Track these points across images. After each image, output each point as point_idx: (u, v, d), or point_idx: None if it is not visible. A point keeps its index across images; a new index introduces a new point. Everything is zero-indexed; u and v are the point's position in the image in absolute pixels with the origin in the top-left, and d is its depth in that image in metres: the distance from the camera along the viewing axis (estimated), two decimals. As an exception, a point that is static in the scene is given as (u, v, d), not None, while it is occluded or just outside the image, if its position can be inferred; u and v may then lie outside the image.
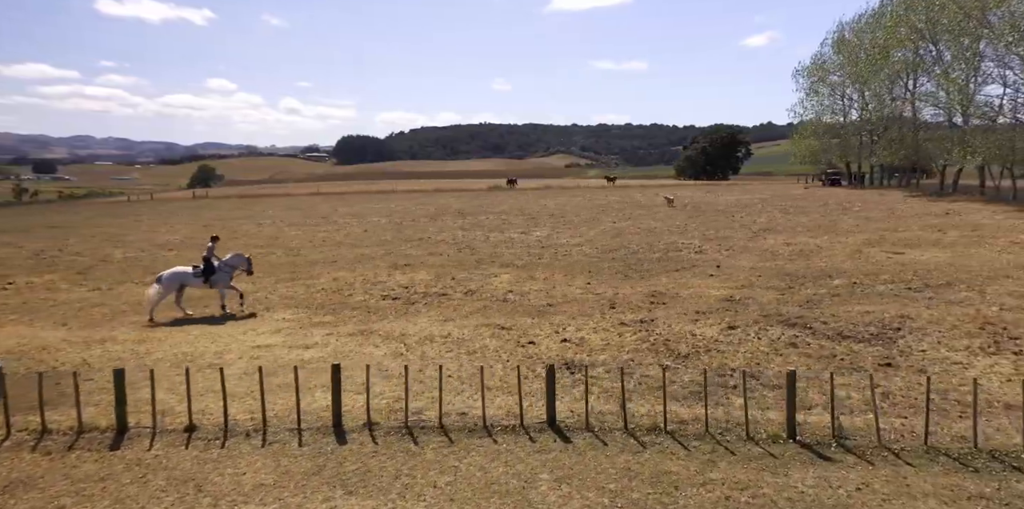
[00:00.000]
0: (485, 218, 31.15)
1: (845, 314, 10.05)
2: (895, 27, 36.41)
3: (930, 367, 7.51)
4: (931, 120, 39.77)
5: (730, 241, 19.38)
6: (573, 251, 18.32)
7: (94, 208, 54.44)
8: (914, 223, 22.61)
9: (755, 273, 13.92)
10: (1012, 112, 30.18)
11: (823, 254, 16.32)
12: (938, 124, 37.39)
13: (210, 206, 53.71)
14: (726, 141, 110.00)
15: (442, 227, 26.84)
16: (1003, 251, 15.77)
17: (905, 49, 37.32)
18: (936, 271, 13.35)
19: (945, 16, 31.53)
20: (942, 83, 31.30)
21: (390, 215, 34.67)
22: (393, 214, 35.56)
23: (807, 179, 71.18)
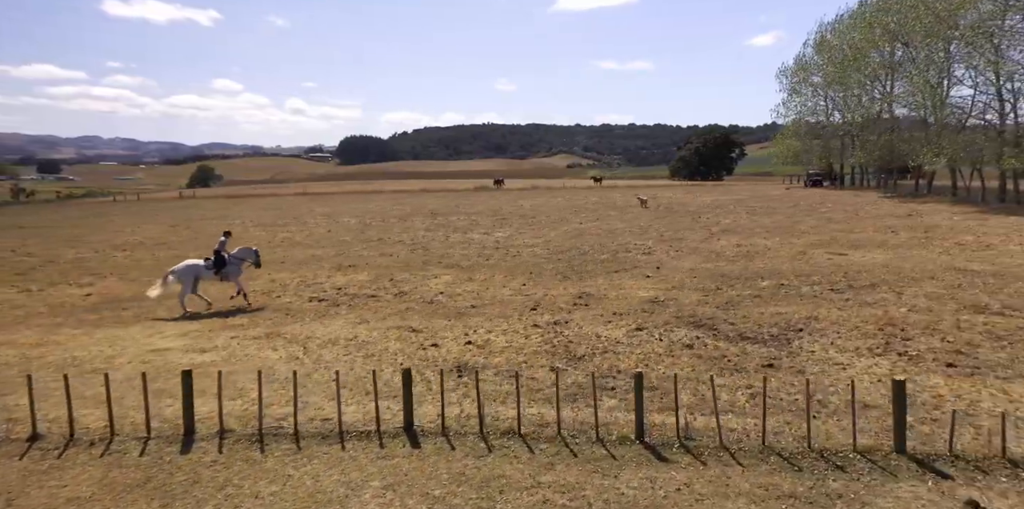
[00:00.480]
0: (455, 218, 31.24)
1: (757, 315, 10.15)
2: (870, 28, 36.60)
3: (810, 368, 7.61)
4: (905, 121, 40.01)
5: (683, 242, 19.50)
6: (525, 252, 18.40)
7: (82, 208, 54.54)
8: (872, 224, 22.77)
9: (692, 274, 14.03)
10: (980, 113, 30.38)
11: (767, 255, 16.44)
12: (912, 125, 37.62)
13: (193, 206, 53.64)
14: (719, 141, 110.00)
15: (407, 228, 26.90)
16: (943, 252, 15.91)
17: (881, 50, 37.52)
18: (867, 272, 13.47)
19: (916, 18, 31.74)
20: (915, 84, 31.45)
21: (363, 215, 34.72)
22: (366, 214, 35.61)
23: (790, 180, 71.55)
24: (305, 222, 31.07)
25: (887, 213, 26.87)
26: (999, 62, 28.11)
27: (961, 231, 20.13)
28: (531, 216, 31.71)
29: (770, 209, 31.34)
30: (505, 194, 61.87)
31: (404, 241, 21.72)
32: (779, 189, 53.30)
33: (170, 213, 42.64)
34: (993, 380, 7.06)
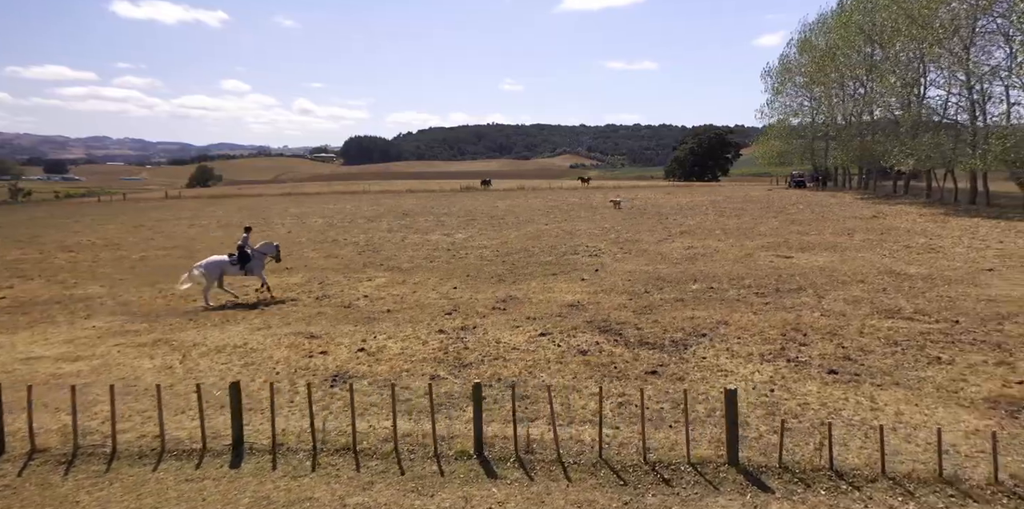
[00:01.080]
0: (424, 219, 31.10)
1: (670, 320, 10.04)
2: (846, 28, 36.53)
3: (692, 375, 7.50)
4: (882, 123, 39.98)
5: (637, 244, 19.39)
6: (474, 254, 18.28)
7: (65, 208, 54.32)
8: (832, 226, 22.69)
9: (628, 277, 13.92)
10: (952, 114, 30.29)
11: (713, 258, 16.34)
12: (887, 126, 37.58)
13: (173, 206, 53.41)
14: (714, 142, 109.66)
15: (370, 228, 26.75)
16: (888, 255, 15.83)
17: (859, 50, 37.44)
18: (801, 276, 13.38)
19: (889, 18, 31.69)
20: (885, 84, 31.33)
21: (333, 216, 34.55)
22: (337, 215, 35.45)
23: (776, 181, 71.49)
24: (271, 223, 30.88)
25: (853, 215, 26.80)
26: (969, 63, 28.08)
27: (917, 233, 20.06)
28: (501, 217, 31.58)
29: (740, 211, 31.26)
30: (489, 195, 61.77)
31: (358, 242, 21.58)
32: (762, 190, 53.26)
33: (145, 213, 42.41)
34: (868, 387, 6.96)
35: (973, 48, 28.66)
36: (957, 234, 19.48)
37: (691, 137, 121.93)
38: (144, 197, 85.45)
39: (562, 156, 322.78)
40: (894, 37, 31.48)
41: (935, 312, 9.98)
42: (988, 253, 15.66)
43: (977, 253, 15.76)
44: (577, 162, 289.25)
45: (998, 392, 6.68)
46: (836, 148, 42.20)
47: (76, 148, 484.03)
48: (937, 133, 28.87)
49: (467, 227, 26.63)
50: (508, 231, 24.61)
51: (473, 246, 20.07)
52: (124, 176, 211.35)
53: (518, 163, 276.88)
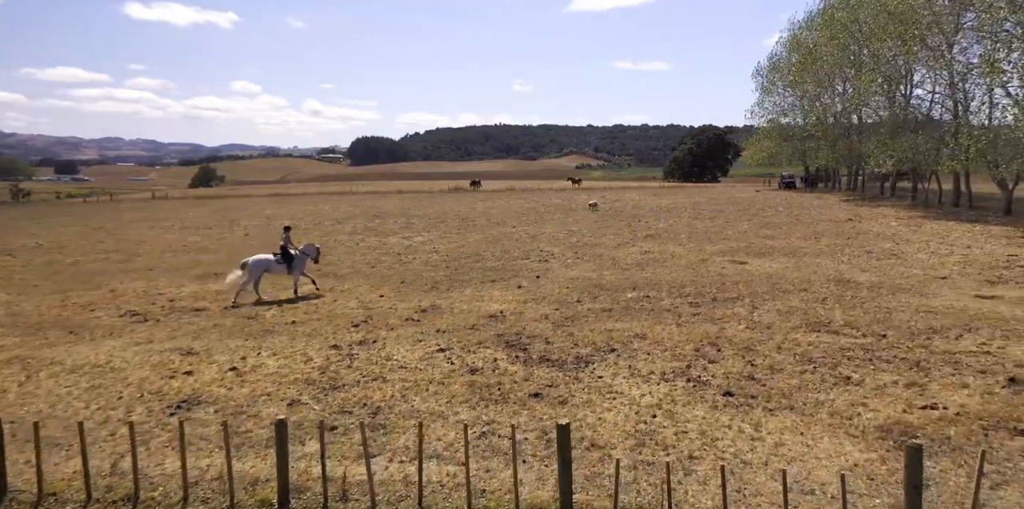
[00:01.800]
0: (393, 221, 30.58)
1: (587, 333, 9.47)
2: (829, 26, 35.92)
3: (578, 397, 6.92)
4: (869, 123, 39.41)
5: (594, 249, 18.81)
6: (421, 258, 17.73)
7: (55, 208, 54.40)
8: (803, 230, 22.11)
9: (568, 285, 13.35)
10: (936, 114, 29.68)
11: (665, 264, 15.76)
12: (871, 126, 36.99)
13: (154, 207, 52.97)
14: (713, 142, 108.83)
15: (333, 231, 26.21)
16: (845, 262, 15.24)
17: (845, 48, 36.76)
18: (745, 284, 12.80)
19: (871, 16, 31.10)
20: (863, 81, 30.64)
21: (304, 218, 34.03)
22: (309, 216, 34.93)
23: (767, 182, 70.93)
24: (234, 225, 30.36)
25: (828, 218, 26.21)
26: (952, 61, 27.49)
27: (886, 238, 19.47)
28: (472, 219, 31.05)
29: (718, 213, 30.68)
30: (475, 196, 61.24)
31: (309, 247, 21.00)
32: (750, 191, 52.71)
33: (119, 214, 41.90)
34: (758, 413, 6.38)
35: (956, 46, 28.12)
36: (926, 239, 18.89)
37: (690, 137, 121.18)
38: (131, 197, 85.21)
39: (569, 157, 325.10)
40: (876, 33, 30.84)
41: (865, 325, 9.40)
42: (950, 259, 15.07)
43: (939, 259, 15.17)
44: (583, 162, 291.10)
45: (896, 418, 6.10)
46: (823, 149, 41.56)
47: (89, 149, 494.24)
48: (915, 133, 28.23)
49: (432, 230, 26.10)
50: (471, 234, 24.06)
51: (425, 250, 19.52)
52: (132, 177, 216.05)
53: (524, 164, 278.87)
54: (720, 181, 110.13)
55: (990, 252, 15.99)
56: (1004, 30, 20.14)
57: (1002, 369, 7.36)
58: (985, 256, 15.43)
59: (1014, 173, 24.38)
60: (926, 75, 30.00)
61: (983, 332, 8.86)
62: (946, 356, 7.89)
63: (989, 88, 25.24)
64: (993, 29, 20.85)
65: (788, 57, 49.11)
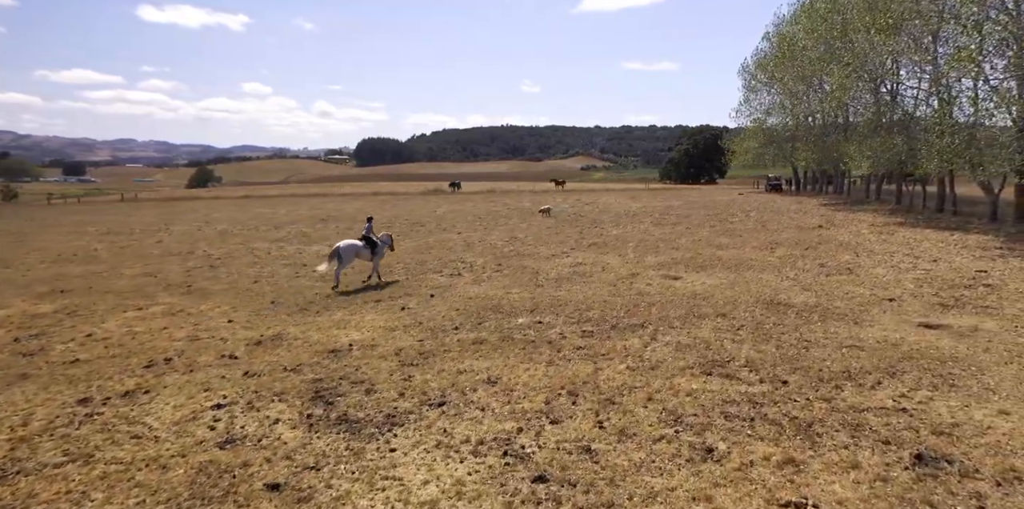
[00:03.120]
0: (336, 226, 28.95)
1: (430, 376, 7.81)
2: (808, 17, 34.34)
3: (335, 487, 5.25)
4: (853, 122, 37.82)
5: (525, 259, 17.17)
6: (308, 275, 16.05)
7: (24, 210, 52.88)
8: (763, 238, 20.48)
9: (459, 306, 11.71)
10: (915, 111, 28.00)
11: (590, 278, 14.12)
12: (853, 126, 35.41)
13: (104, 210, 51.28)
14: (710, 142, 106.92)
15: (257, 237, 24.54)
16: (790, 278, 13.60)
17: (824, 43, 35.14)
18: (663, 305, 11.15)
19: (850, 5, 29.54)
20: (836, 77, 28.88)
21: (246, 222, 32.40)
22: (252, 221, 33.31)
23: (756, 183, 69.53)
24: (161, 231, 28.67)
25: (798, 224, 24.57)
26: (936, 54, 25.91)
27: (849, 248, 17.83)
28: (423, 224, 29.44)
29: (685, 218, 29.07)
30: (447, 198, 59.64)
31: (211, 256, 19.33)
32: (733, 194, 51.19)
33: (63, 217, 40.25)
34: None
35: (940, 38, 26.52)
36: (892, 250, 17.26)
37: (687, 138, 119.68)
38: (100, 200, 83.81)
39: (575, 158, 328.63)
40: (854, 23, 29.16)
41: (770, 365, 7.75)
42: (909, 276, 13.44)
43: (897, 275, 13.54)
44: (589, 163, 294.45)
45: (739, 526, 4.46)
46: (803, 150, 39.93)
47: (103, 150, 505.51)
48: (892, 132, 26.61)
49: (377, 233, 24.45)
50: (406, 241, 22.42)
51: (338, 261, 17.85)
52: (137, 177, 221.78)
53: (529, 164, 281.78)
54: (717, 182, 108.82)
55: (958, 266, 14.36)
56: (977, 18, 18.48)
57: (913, 438, 5.72)
58: (950, 271, 13.80)
59: (1000, 174, 22.78)
60: (911, 70, 28.37)
61: (908, 377, 7.21)
62: (849, 415, 6.24)
63: (974, 82, 23.61)
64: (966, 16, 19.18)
65: (772, 53, 47.59)
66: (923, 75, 28.29)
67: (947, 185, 28.02)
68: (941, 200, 28.01)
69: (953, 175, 26.74)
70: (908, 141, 25.21)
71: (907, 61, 28.56)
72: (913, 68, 28.93)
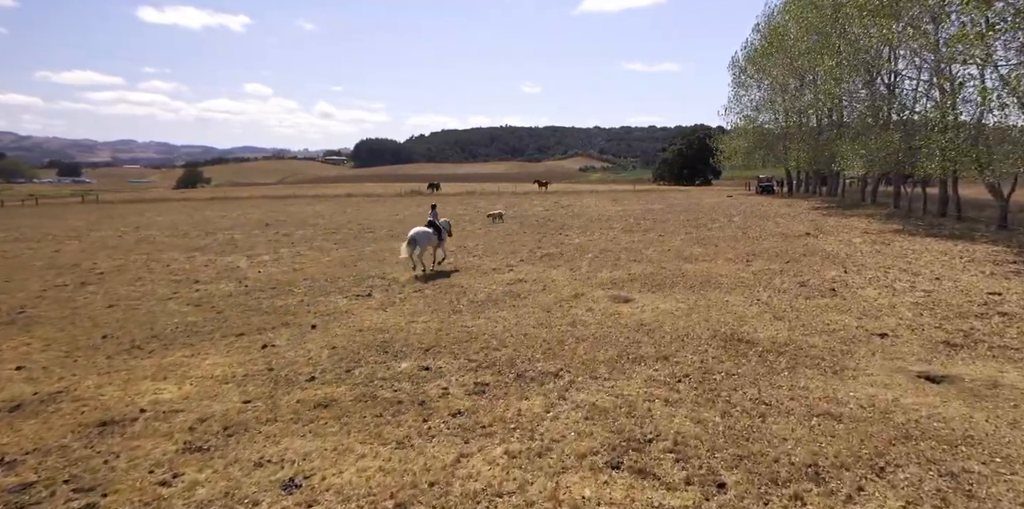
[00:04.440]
0: (273, 232, 26.60)
1: (213, 476, 5.53)
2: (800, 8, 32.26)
3: None
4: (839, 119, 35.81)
5: (455, 276, 14.89)
6: (201, 292, 13.69)
7: None
8: (740, 249, 18.29)
9: (335, 344, 9.42)
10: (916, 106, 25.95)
11: (523, 300, 11.86)
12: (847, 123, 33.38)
13: (60, 213, 48.66)
14: (704, 143, 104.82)
15: (184, 245, 22.12)
16: (761, 301, 11.38)
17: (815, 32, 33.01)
18: (597, 341, 8.90)
19: None
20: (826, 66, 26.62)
21: (182, 227, 29.99)
22: (190, 225, 30.90)
23: (748, 185, 67.67)
24: (74, 237, 26.20)
25: (782, 231, 22.40)
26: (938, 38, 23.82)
27: (837, 261, 15.65)
28: (373, 230, 27.15)
29: (661, 222, 26.89)
30: (410, 201, 57.34)
31: (94, 270, 16.91)
32: (721, 196, 49.15)
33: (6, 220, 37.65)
34: None
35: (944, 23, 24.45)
36: (887, 264, 15.08)
37: (680, 138, 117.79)
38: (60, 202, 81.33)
39: (573, 158, 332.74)
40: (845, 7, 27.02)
41: (707, 451, 5.49)
42: (906, 299, 11.25)
43: (891, 298, 11.35)
44: (588, 164, 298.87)
45: None
46: (795, 149, 37.80)
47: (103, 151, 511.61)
48: (886, 128, 24.53)
49: (302, 244, 22.14)
50: (338, 251, 20.13)
51: (234, 278, 15.50)
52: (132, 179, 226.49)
53: (528, 165, 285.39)
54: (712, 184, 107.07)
55: (965, 287, 12.18)
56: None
57: None
58: (956, 294, 11.62)
59: (1010, 175, 20.70)
60: (911, 61, 26.27)
61: (903, 478, 4.96)
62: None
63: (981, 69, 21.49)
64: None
65: (762, 46, 45.58)
66: (923, 64, 26.26)
67: (950, 187, 25.96)
68: (943, 204, 25.94)
69: (957, 176, 24.67)
70: (906, 138, 23.10)
71: (905, 50, 26.52)
72: (912, 58, 26.91)
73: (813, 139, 36.49)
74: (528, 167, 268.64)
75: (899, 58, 29.01)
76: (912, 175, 26.39)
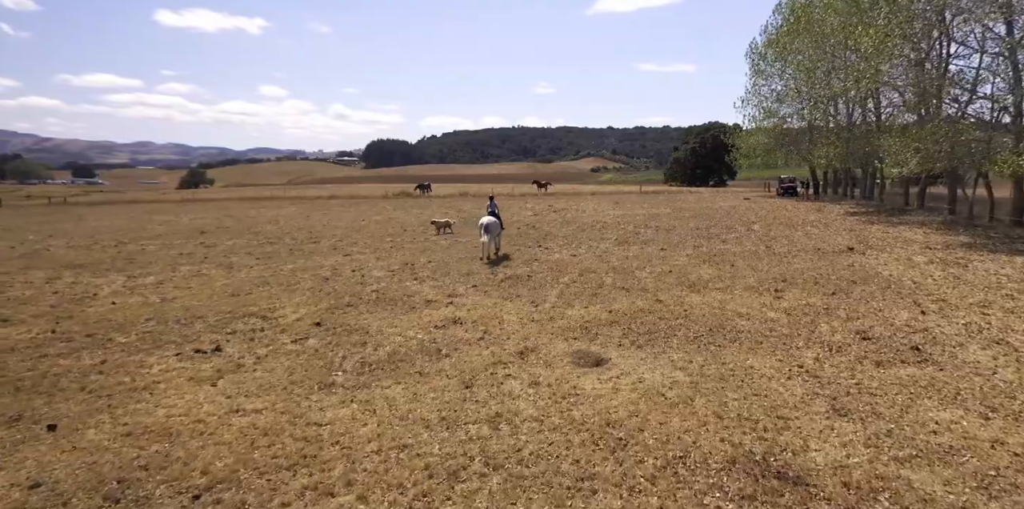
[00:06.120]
0: (200, 241, 22.84)
1: None
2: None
3: None
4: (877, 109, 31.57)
5: (368, 314, 11.04)
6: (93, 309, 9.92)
7: None
8: (764, 271, 14.29)
9: (40, 474, 5.59)
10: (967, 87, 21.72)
11: (436, 364, 7.98)
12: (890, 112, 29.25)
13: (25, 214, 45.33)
14: (719, 141, 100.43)
15: (68, 262, 18.39)
16: (806, 373, 7.43)
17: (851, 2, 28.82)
18: (509, 476, 5.03)
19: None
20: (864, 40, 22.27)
21: (106, 235, 26.38)
22: (119, 233, 27.30)
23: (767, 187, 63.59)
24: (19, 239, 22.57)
25: (817, 245, 18.31)
26: (1012, 9, 19.75)
27: (903, 294, 11.61)
28: (318, 241, 23.37)
29: (665, 231, 22.88)
30: (401, 203, 53.67)
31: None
32: (737, 199, 45.04)
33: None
34: None
35: None
36: (981, 298, 11.04)
37: (693, 136, 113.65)
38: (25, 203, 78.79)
39: (585, 159, 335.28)
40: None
41: None
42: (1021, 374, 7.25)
43: (1019, 369, 7.37)
44: (600, 165, 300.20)
45: None
46: (824, 145, 33.57)
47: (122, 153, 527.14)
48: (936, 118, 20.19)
49: (211, 260, 18.38)
50: (248, 271, 16.33)
51: (67, 313, 11.71)
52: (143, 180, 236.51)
53: (539, 166, 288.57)
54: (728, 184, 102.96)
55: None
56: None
57: None
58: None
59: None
60: (969, 32, 22.05)
61: None
62: None
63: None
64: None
65: (786, 24, 41.35)
66: (989, 35, 21.98)
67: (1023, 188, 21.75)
68: (1019, 210, 21.69)
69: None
70: (981, 127, 18.89)
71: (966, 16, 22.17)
72: (971, 29, 22.67)
73: (847, 132, 32.35)
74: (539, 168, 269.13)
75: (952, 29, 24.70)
76: (983, 174, 22.23)
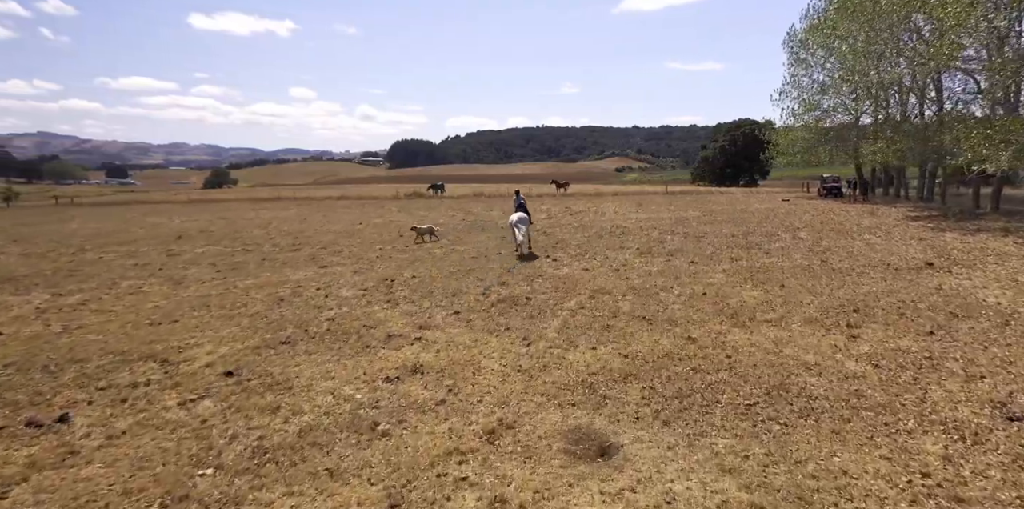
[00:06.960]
0: (145, 252, 20.76)
1: None
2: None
3: None
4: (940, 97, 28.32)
5: (305, 356, 8.59)
6: None
7: None
8: (831, 292, 11.50)
9: None
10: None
11: (378, 442, 5.46)
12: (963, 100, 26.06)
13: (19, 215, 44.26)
14: (751, 139, 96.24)
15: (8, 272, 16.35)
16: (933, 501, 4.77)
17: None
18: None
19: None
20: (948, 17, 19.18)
21: (83, 239, 24.51)
22: (98, 236, 25.41)
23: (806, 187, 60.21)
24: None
25: (884, 259, 15.38)
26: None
27: (1020, 332, 8.80)
28: (299, 248, 21.14)
29: (696, 239, 20.10)
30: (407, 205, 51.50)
31: None
32: (775, 201, 41.88)
33: None
34: None
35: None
36: None
37: (723, 134, 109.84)
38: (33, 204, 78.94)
39: (610, 159, 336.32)
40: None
41: None
42: None
43: None
44: (625, 165, 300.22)
45: None
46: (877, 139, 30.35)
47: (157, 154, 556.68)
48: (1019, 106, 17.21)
49: (165, 272, 16.17)
50: (199, 287, 14.04)
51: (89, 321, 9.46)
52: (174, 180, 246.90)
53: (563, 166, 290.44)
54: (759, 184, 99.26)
55: None
56: None
57: None
58: None
59: None
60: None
61: None
62: None
63: None
64: None
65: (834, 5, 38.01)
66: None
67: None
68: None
69: None
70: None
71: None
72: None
73: (908, 124, 29.20)
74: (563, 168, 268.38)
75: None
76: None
